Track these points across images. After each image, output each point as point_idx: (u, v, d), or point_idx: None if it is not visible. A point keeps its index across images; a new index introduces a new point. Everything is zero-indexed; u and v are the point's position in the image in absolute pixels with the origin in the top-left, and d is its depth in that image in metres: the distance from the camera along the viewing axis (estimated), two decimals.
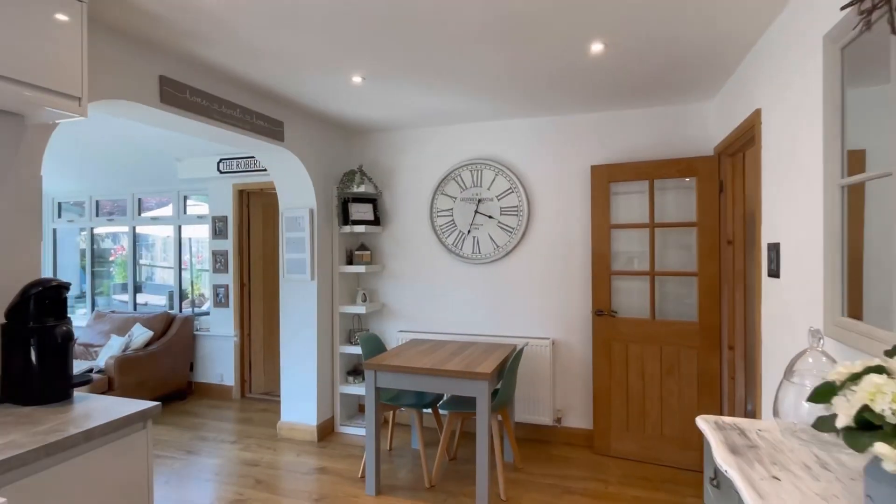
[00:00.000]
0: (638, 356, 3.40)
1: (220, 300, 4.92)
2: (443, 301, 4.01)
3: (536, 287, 3.77)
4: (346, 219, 3.93)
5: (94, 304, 5.86)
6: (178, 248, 5.42)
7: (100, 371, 4.12)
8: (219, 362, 4.93)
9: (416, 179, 4.09)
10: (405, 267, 4.12)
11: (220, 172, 4.68)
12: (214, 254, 4.94)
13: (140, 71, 2.35)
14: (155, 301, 8.70)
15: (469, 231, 3.93)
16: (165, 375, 4.56)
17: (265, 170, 4.55)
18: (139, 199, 5.59)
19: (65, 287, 1.78)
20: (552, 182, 3.74)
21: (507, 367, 3.00)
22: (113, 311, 5.13)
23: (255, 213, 4.97)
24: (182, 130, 2.81)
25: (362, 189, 3.91)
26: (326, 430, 3.86)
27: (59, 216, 5.93)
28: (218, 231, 4.93)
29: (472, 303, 3.93)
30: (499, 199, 3.85)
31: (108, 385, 4.04)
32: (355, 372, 4.03)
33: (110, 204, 5.86)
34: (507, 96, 3.22)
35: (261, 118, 3.14)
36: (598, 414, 3.49)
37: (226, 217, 4.89)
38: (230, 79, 2.83)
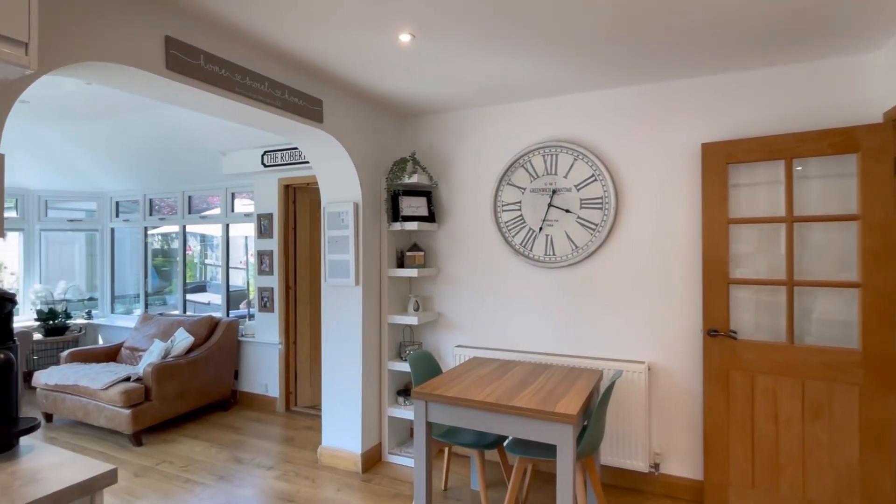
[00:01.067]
0: (769, 391, 2.58)
1: (265, 304, 4.57)
2: (509, 312, 3.37)
3: (627, 297, 3.03)
4: (395, 214, 3.39)
5: (146, 304, 5.74)
6: (227, 248, 5.14)
7: (138, 379, 3.85)
8: (263, 371, 4.58)
9: (478, 168, 3.48)
10: (464, 270, 3.52)
11: (265, 166, 4.32)
12: (260, 254, 4.59)
13: (139, 29, 1.90)
14: (218, 301, 8.71)
15: (541, 228, 3.26)
16: (207, 384, 4.25)
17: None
18: (189, 197, 5.39)
19: (8, 300, 1.34)
20: (648, 166, 2.99)
21: (596, 403, 2.31)
22: (160, 314, 4.92)
23: (301, 209, 4.57)
24: (196, 107, 2.37)
25: (414, 180, 3.35)
26: (373, 460, 3.33)
27: (117, 216, 5.87)
28: (263, 230, 4.57)
29: (544, 315, 3.26)
30: (578, 189, 3.16)
31: (146, 395, 3.76)
32: (406, 392, 3.48)
33: (166, 204, 5.73)
34: (599, 56, 2.52)
35: (295, 94, 2.66)
36: (710, 462, 2.70)
37: (271, 214, 4.52)
38: (256, 44, 2.36)
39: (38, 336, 5.13)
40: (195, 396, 4.14)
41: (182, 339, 4.22)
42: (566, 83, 2.95)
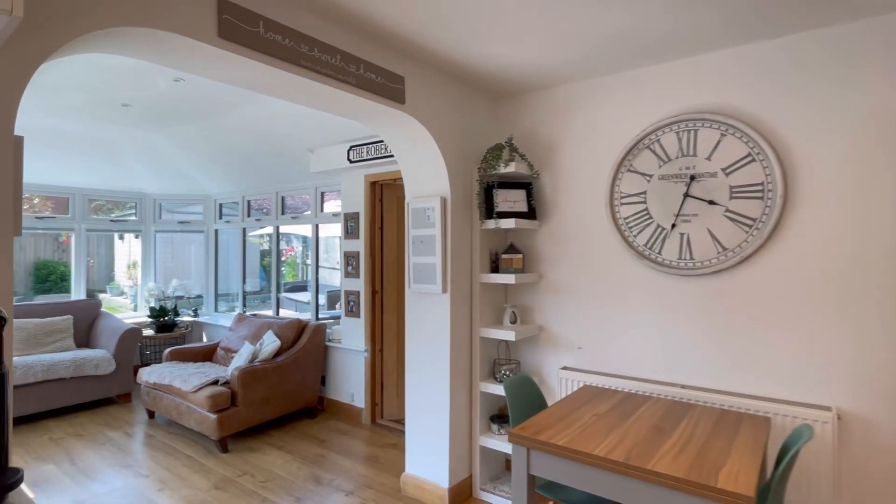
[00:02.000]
0: None
1: (351, 308, 4.32)
2: (630, 329, 2.71)
3: (799, 316, 2.24)
4: (489, 211, 2.90)
5: (244, 304, 5.84)
6: (316, 248, 5.01)
7: (225, 382, 3.77)
8: (350, 379, 4.33)
9: (589, 153, 2.87)
10: (572, 276, 2.92)
11: (351, 162, 4.06)
12: (346, 255, 4.36)
13: None
14: (319, 300, 8.90)
15: (673, 225, 2.57)
16: (294, 390, 4.09)
17: None
18: (282, 198, 5.36)
19: None
20: (834, 140, 2.18)
21: (777, 472, 1.62)
22: (253, 314, 4.91)
23: (388, 208, 4.26)
24: (254, 85, 2.06)
25: (512, 169, 2.83)
26: (462, 495, 2.87)
27: (220, 217, 6.07)
28: (349, 230, 4.33)
29: (678, 336, 2.56)
30: (727, 174, 2.42)
31: (232, 400, 3.66)
32: (501, 419, 2.97)
33: (262, 206, 5.80)
34: None
35: (373, 70, 2.27)
36: None
37: (357, 214, 4.26)
38: (327, 8, 2.00)
39: (149, 332, 5.41)
40: (281, 403, 3.99)
41: (269, 343, 4.10)
42: (711, 34, 2.24)
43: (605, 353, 2.79)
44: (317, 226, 4.97)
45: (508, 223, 2.82)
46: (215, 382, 3.74)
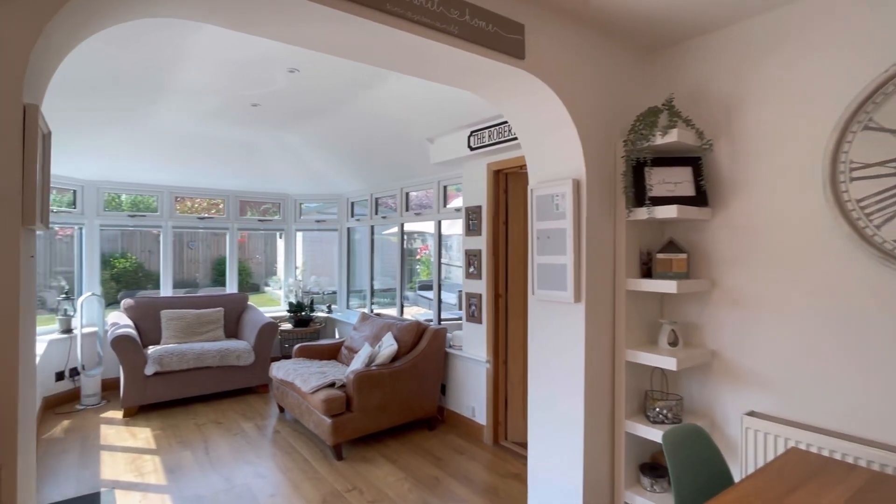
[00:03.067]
0: None
1: (472, 313, 3.89)
2: (863, 365, 1.80)
3: None
4: (640, 196, 2.20)
5: (371, 302, 5.81)
6: (439, 245, 4.70)
7: (342, 386, 3.62)
8: (471, 390, 3.91)
9: (793, 108, 2.00)
10: (762, 285, 2.08)
11: (472, 149, 3.62)
12: (467, 254, 3.94)
13: None
14: (452, 299, 8.75)
15: None
16: (411, 398, 3.80)
17: None
18: (407, 194, 5.17)
19: None
20: None
21: None
22: (377, 314, 4.78)
23: (514, 200, 3.73)
24: (326, 43, 1.69)
25: (672, 139, 2.10)
26: None
27: (352, 215, 6.14)
28: (471, 226, 3.90)
29: None
30: None
31: (346, 405, 3.48)
32: (654, 470, 2.25)
33: (389, 204, 5.72)
34: None
35: (481, 15, 1.78)
36: None
37: (479, 208, 3.81)
38: None
39: (287, 326, 5.65)
40: (398, 411, 3.72)
41: (387, 346, 3.87)
42: None
43: (820, 396, 1.90)
44: (439, 222, 4.65)
45: (667, 212, 2.09)
46: (332, 385, 3.61)
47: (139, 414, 4.28)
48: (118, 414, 4.24)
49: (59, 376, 4.51)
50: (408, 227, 5.42)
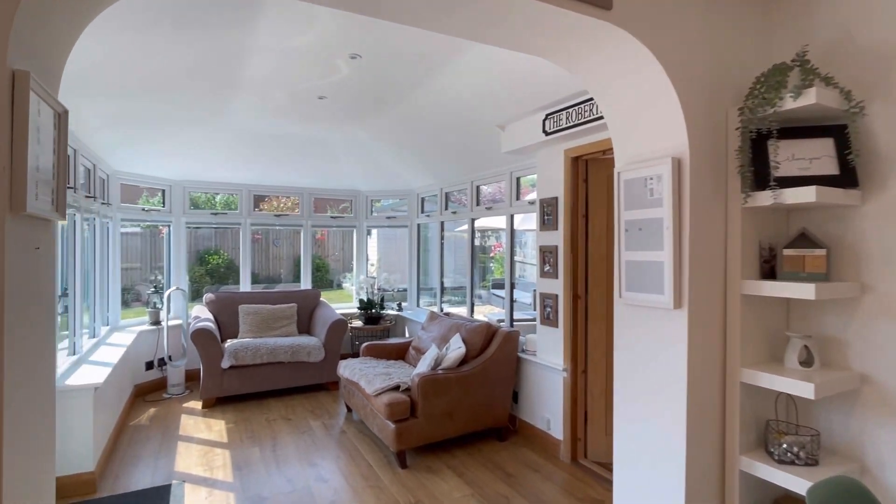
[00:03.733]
0: None
1: (547, 315, 3.53)
2: None
3: None
4: (760, 177, 1.75)
5: (441, 299, 5.61)
6: (511, 241, 4.38)
7: (407, 389, 3.43)
8: (546, 400, 3.55)
9: None
10: None
11: (547, 134, 3.27)
12: (542, 251, 3.59)
13: None
14: (527, 299, 8.37)
15: None
16: (480, 406, 3.52)
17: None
18: (477, 188, 4.90)
19: None
20: None
21: None
22: (446, 314, 4.55)
23: (595, 190, 3.32)
24: (367, 3, 1.44)
25: (807, 101, 1.63)
26: None
27: (422, 211, 5.98)
28: (546, 220, 3.54)
29: None
30: None
31: (411, 410, 3.28)
32: None
33: (459, 199, 5.48)
34: None
35: None
36: None
37: (555, 199, 3.45)
38: None
39: (358, 323, 5.61)
40: (466, 419, 3.47)
41: (454, 349, 3.63)
42: None
43: None
44: (511, 216, 4.32)
45: (803, 195, 1.63)
46: (397, 388, 3.43)
47: (216, 406, 4.40)
48: (198, 405, 4.39)
49: (149, 366, 4.78)
50: (480, 223, 5.15)
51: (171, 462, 3.27)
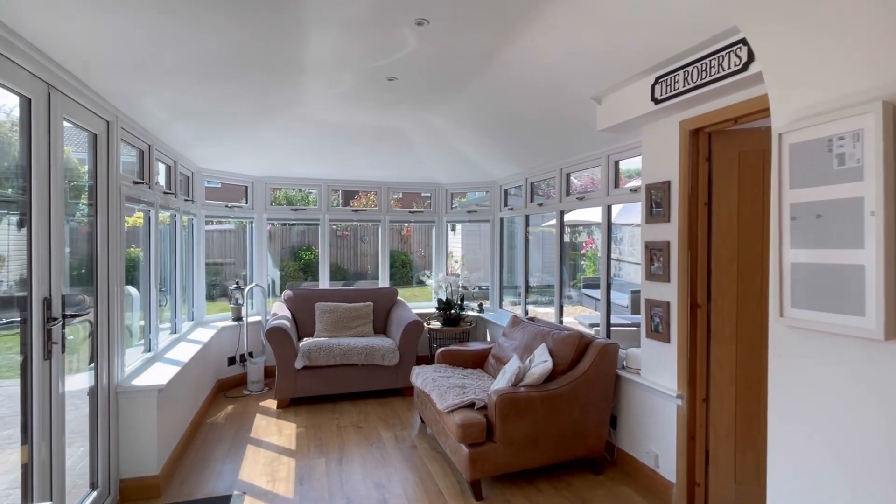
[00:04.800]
0: None
1: (655, 327, 2.88)
2: None
3: None
4: None
5: (525, 303, 5.07)
6: (608, 236, 3.75)
7: (483, 407, 2.97)
8: (653, 430, 2.91)
9: None
10: None
11: (657, 102, 2.62)
12: (648, 248, 2.94)
13: None
14: (622, 300, 7.52)
15: None
16: (570, 431, 2.97)
17: (740, 70, 2.11)
18: (567, 175, 4.30)
19: None
20: None
21: None
22: (530, 319, 4.03)
23: (722, 169, 2.61)
24: None
25: None
26: None
27: (506, 204, 5.48)
28: (654, 209, 2.89)
29: None
30: None
31: (488, 432, 2.82)
32: None
33: (546, 191, 4.90)
34: None
35: None
36: None
37: (666, 184, 2.78)
38: None
39: (437, 325, 5.26)
40: (553, 446, 2.94)
41: (539, 363, 3.10)
42: None
43: None
44: (608, 207, 3.69)
45: None
46: (472, 405, 3.00)
47: (290, 406, 4.27)
48: (274, 404, 4.29)
49: (231, 361, 4.81)
50: (570, 217, 4.55)
51: (236, 468, 3.13)
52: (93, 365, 2.53)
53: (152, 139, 3.35)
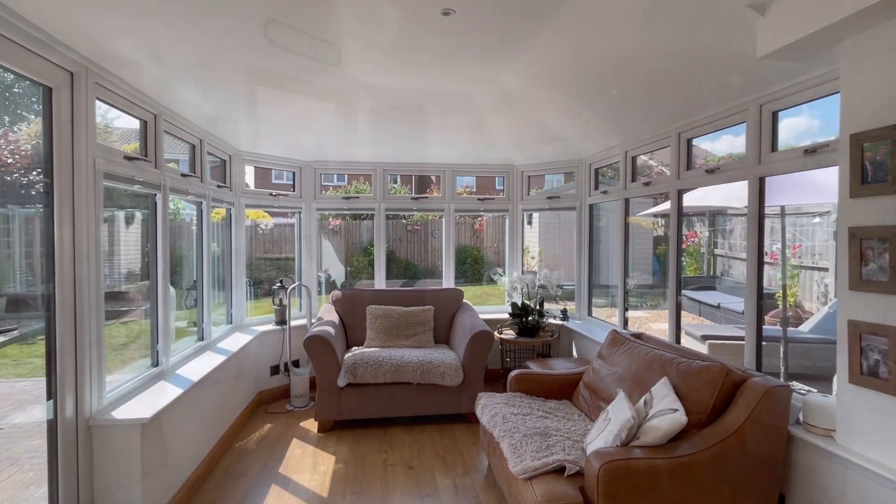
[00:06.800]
0: None
1: (873, 368, 1.76)
2: None
3: None
4: None
5: (625, 308, 3.99)
6: (759, 221, 2.61)
7: (576, 473, 2.02)
8: None
9: None
10: None
11: None
12: (853, 236, 1.81)
13: None
14: (736, 305, 6.10)
15: None
16: None
17: None
18: (688, 141, 3.18)
19: None
20: None
21: None
22: (636, 335, 2.98)
23: None
24: None
25: None
26: None
27: (596, 188, 4.42)
28: (868, 175, 1.76)
29: None
30: None
31: None
32: None
33: (654, 170, 3.79)
34: None
35: None
36: None
37: (891, 130, 1.65)
38: None
39: (510, 333, 4.33)
40: None
41: (661, 413, 2.08)
42: None
43: None
44: (761, 179, 2.55)
45: None
46: (561, 470, 2.06)
47: (333, 430, 3.58)
48: (315, 426, 3.62)
49: (275, 370, 4.23)
50: (667, 205, 3.40)
51: None
52: (49, 393, 1.93)
53: (158, 108, 2.74)
